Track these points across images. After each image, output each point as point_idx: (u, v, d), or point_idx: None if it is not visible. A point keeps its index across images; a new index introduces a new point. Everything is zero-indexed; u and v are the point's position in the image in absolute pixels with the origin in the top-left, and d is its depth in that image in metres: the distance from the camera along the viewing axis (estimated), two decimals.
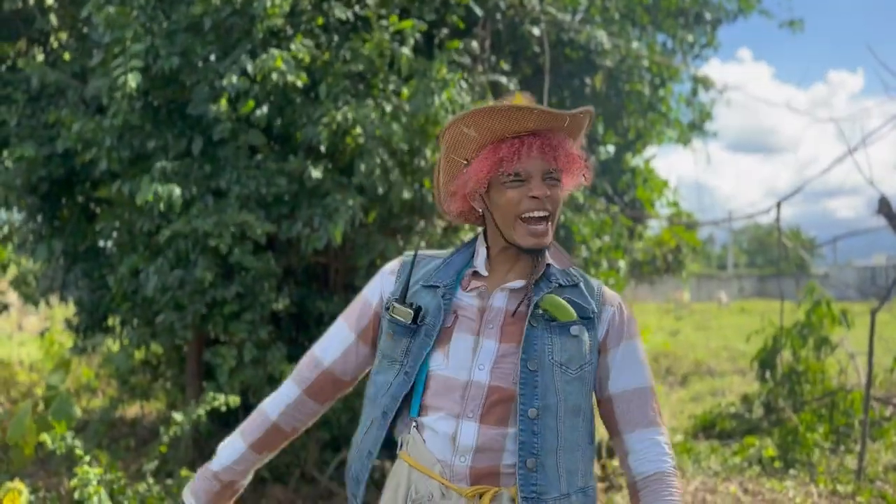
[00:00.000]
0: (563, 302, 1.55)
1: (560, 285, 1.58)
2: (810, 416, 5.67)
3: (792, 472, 5.16)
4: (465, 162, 1.57)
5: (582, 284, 1.61)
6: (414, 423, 1.55)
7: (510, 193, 1.52)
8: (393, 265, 1.70)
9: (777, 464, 5.36)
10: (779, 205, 5.46)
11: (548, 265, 1.61)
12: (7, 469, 4.49)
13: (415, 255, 1.67)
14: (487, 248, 1.62)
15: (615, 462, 5.61)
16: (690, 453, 5.66)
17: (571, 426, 1.53)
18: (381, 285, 1.69)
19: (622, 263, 5.56)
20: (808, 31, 7.36)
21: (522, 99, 1.53)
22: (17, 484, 3.22)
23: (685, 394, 9.17)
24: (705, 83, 6.76)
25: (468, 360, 1.53)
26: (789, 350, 6.29)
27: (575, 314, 1.55)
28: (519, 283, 1.58)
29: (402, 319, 1.57)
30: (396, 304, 1.59)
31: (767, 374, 6.40)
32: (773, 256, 42.50)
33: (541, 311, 1.54)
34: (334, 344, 1.72)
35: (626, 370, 1.59)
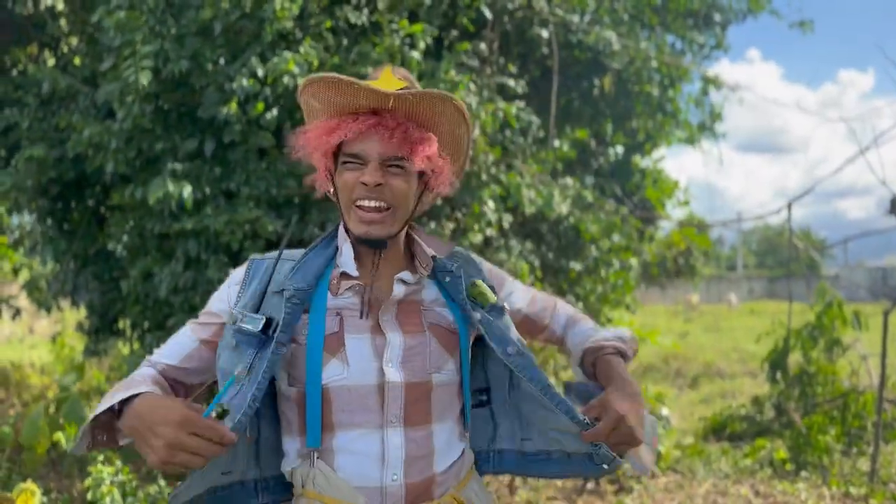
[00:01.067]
0: (483, 285, 1.48)
1: (455, 270, 1.48)
2: (822, 419, 5.63)
3: (804, 474, 5.13)
4: None
5: (467, 264, 1.53)
6: (315, 454, 1.34)
7: (346, 175, 1.38)
8: (238, 274, 1.48)
9: (788, 466, 5.33)
10: (789, 205, 5.44)
11: (433, 258, 1.48)
12: (20, 470, 4.52)
13: (252, 261, 1.48)
14: (351, 241, 1.45)
15: (626, 465, 5.59)
16: (701, 455, 5.64)
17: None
18: (226, 297, 1.46)
19: (633, 262, 5.55)
20: (818, 30, 7.33)
21: (391, 74, 1.38)
22: (30, 485, 3.24)
23: (695, 396, 9.14)
24: (715, 83, 6.74)
25: (372, 360, 1.35)
26: (800, 352, 6.25)
27: (493, 296, 1.49)
28: (408, 276, 1.42)
29: (250, 328, 1.34)
30: (247, 314, 1.36)
31: (778, 376, 6.37)
32: (782, 258, 42.30)
33: (472, 299, 1.45)
34: (175, 347, 1.48)
35: (520, 295, 1.64)
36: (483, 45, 4.90)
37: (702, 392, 9.30)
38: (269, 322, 1.34)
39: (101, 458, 3.58)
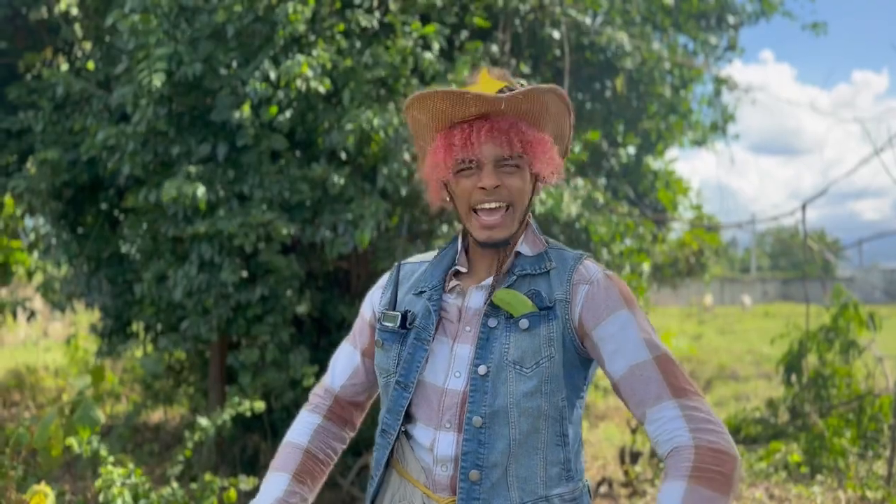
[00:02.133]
0: (517, 294, 1.41)
1: (526, 275, 1.44)
2: (837, 421, 5.58)
3: (819, 477, 5.08)
4: (426, 146, 1.50)
5: (554, 271, 1.45)
6: (403, 430, 1.47)
7: (463, 183, 1.42)
8: (383, 279, 1.63)
9: (803, 469, 5.28)
10: (804, 207, 5.39)
11: (517, 254, 1.47)
12: (35, 472, 4.54)
13: (399, 266, 1.60)
14: (466, 243, 1.53)
15: (638, 468, 5.56)
16: None
17: (529, 429, 1.38)
18: (371, 300, 1.61)
19: (646, 267, 5.52)
20: (831, 31, 7.26)
21: (488, 76, 1.43)
22: (44, 487, 3.26)
23: (709, 399, 9.06)
24: (728, 84, 6.70)
25: (445, 366, 1.44)
26: (815, 354, 6.20)
27: (530, 305, 1.40)
28: (490, 280, 1.46)
29: (389, 325, 1.49)
30: (385, 312, 1.52)
31: (793, 379, 6.32)
32: (796, 259, 42.01)
33: (496, 308, 1.42)
34: (340, 367, 1.64)
35: (619, 349, 1.37)
36: (495, 47, 4.89)
37: (716, 395, 9.24)
38: (405, 317, 1.48)
39: (112, 459, 3.59)
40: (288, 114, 4.03)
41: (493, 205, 1.40)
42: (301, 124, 4.23)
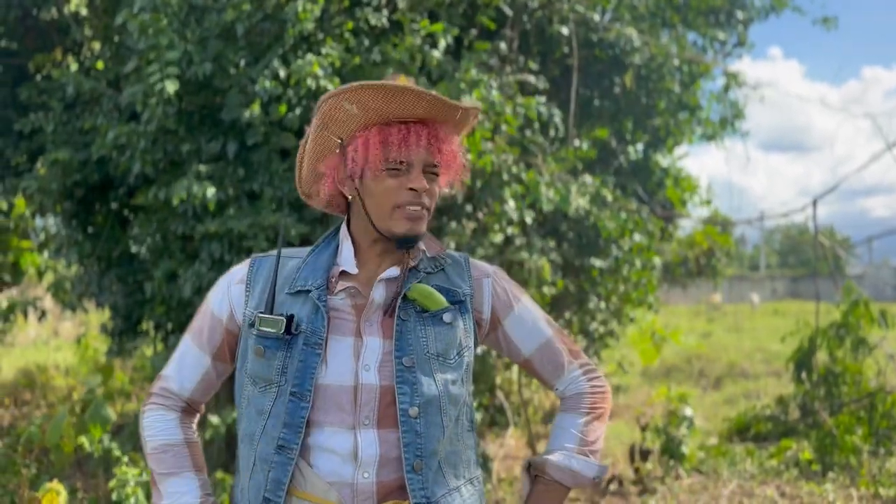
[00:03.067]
0: (431, 290, 1.44)
1: (428, 273, 1.48)
2: (848, 419, 5.55)
3: (831, 475, 5.06)
4: (340, 141, 1.43)
5: (450, 268, 1.51)
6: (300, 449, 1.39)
7: (389, 182, 1.39)
8: (240, 272, 1.51)
9: (815, 467, 5.26)
10: (814, 203, 5.37)
11: (421, 252, 1.49)
12: (47, 470, 4.56)
13: (257, 261, 1.51)
14: (353, 241, 1.48)
15: (649, 465, 5.55)
16: (725, 456, 5.58)
17: (454, 417, 1.44)
18: (228, 297, 1.49)
19: (657, 261, 5.50)
20: (841, 27, 7.23)
21: (407, 82, 1.39)
22: (56, 485, 3.28)
23: (718, 396, 9.05)
24: (737, 79, 6.67)
25: (350, 363, 1.39)
26: (825, 351, 6.17)
27: (444, 301, 1.45)
28: (394, 272, 1.45)
29: (272, 331, 1.39)
30: (263, 316, 1.40)
31: (803, 376, 6.29)
32: (805, 257, 41.82)
33: (410, 303, 1.43)
34: (188, 371, 1.53)
35: (527, 332, 1.54)
36: (503, 44, 4.88)
37: (725, 392, 9.21)
38: (289, 322, 1.39)
39: (125, 459, 3.60)
40: (297, 111, 4.03)
41: (416, 207, 1.40)
42: (310, 122, 4.23)
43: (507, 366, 6.69)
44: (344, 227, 1.51)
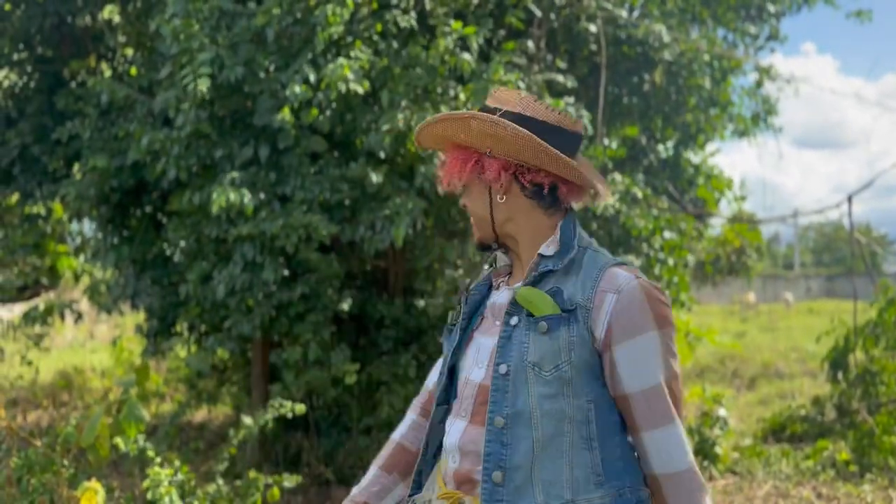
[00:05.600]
0: (539, 294, 1.40)
1: (548, 271, 1.43)
2: (887, 419, 5.44)
3: (869, 476, 4.96)
4: None
5: (582, 270, 1.43)
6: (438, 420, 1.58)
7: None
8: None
9: (852, 468, 5.16)
10: (850, 199, 5.27)
11: (540, 256, 1.45)
12: (84, 470, 4.65)
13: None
14: None
15: None
16: (760, 457, 5.51)
17: (554, 432, 1.36)
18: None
19: (690, 258, 5.44)
20: (876, 19, 7.07)
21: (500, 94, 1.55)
22: (94, 484, 3.34)
23: (753, 397, 8.93)
24: (770, 74, 6.56)
25: (473, 357, 1.50)
26: (862, 350, 6.06)
27: (552, 306, 1.38)
28: (514, 284, 1.51)
29: (449, 326, 1.61)
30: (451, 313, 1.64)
31: (839, 376, 6.18)
32: (840, 255, 41.07)
33: (518, 306, 1.42)
34: (436, 368, 1.70)
35: (633, 370, 1.37)
36: (530, 43, 4.87)
37: (760, 393, 9.08)
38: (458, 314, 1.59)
39: (158, 459, 3.65)
40: (327, 115, 4.06)
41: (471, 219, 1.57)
42: (340, 125, 4.26)
43: None
44: None
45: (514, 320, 1.41)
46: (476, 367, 1.47)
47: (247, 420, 3.99)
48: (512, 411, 1.37)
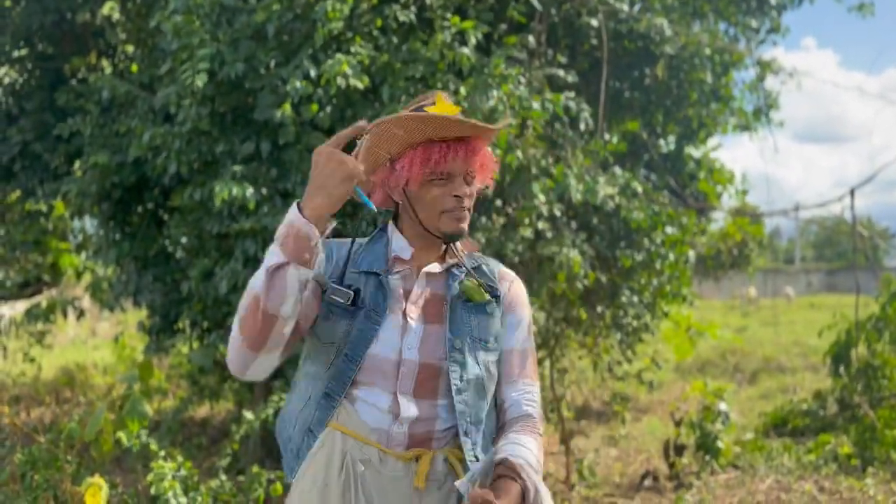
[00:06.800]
0: (479, 284, 1.74)
1: (474, 267, 1.77)
2: (889, 413, 5.44)
3: (871, 470, 4.97)
4: (388, 156, 1.69)
5: (484, 267, 1.80)
6: (345, 396, 1.67)
7: (435, 191, 1.68)
8: (340, 245, 1.76)
9: (854, 462, 5.17)
10: (852, 192, 5.27)
11: (459, 252, 1.78)
12: (87, 465, 4.66)
13: (331, 242, 1.73)
14: (403, 235, 1.75)
15: (685, 460, 5.50)
16: (762, 451, 5.51)
17: (489, 393, 1.72)
18: (337, 250, 1.74)
19: (691, 254, 5.44)
20: (878, 12, 7.04)
21: (444, 101, 1.67)
22: (98, 479, 3.34)
23: (754, 391, 8.94)
24: (771, 67, 6.54)
25: (397, 340, 1.66)
26: (864, 344, 6.06)
27: (486, 295, 1.74)
28: (436, 268, 1.74)
29: (341, 301, 1.66)
30: (336, 287, 1.67)
31: (841, 370, 6.19)
32: (842, 249, 41.04)
33: (459, 294, 1.72)
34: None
35: (511, 333, 1.77)
36: (531, 38, 4.86)
37: (761, 387, 9.10)
38: (356, 295, 1.67)
39: (162, 453, 3.66)
40: (328, 110, 4.06)
41: (461, 212, 1.69)
42: (340, 121, 4.26)
43: (539, 361, 6.67)
44: (391, 225, 1.78)
45: (457, 305, 1.71)
46: (406, 349, 1.66)
47: (249, 415, 4.00)
48: (472, 377, 1.68)
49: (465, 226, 1.70)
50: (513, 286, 1.82)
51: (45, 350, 8.54)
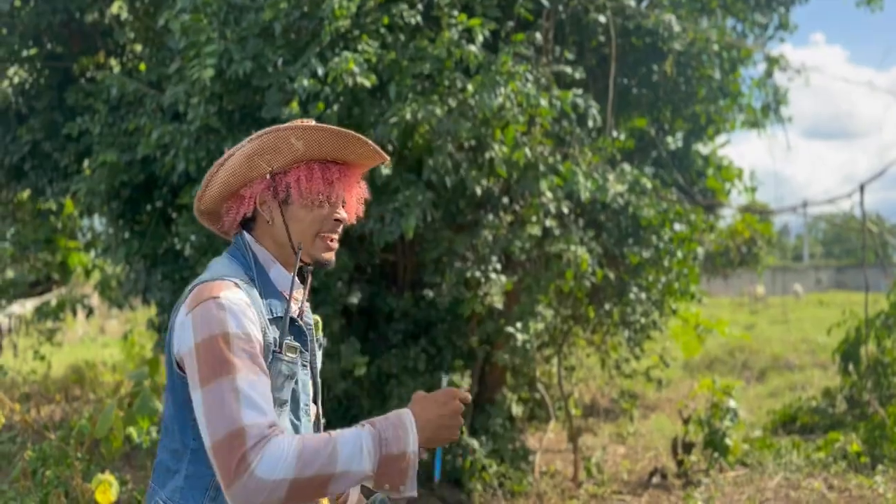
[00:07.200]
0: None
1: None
2: None
3: (880, 467, 4.95)
4: (269, 169, 1.53)
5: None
6: None
7: (317, 212, 1.55)
8: (242, 297, 1.45)
9: (863, 459, 5.15)
10: (861, 188, 5.24)
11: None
12: (98, 462, 4.69)
13: (237, 282, 1.49)
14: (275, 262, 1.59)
15: (693, 458, 5.49)
16: (770, 449, 5.50)
17: None
18: (253, 321, 1.45)
19: (699, 251, 5.42)
20: (887, 8, 6.99)
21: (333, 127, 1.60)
22: (108, 476, 3.37)
23: (763, 389, 8.92)
24: (779, 63, 6.51)
25: (308, 385, 1.60)
26: (874, 342, 6.04)
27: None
28: (310, 313, 1.66)
29: (293, 356, 1.51)
30: (290, 343, 1.51)
31: (850, 367, 6.17)
32: (850, 246, 40.84)
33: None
34: (268, 401, 1.40)
35: None
36: (538, 35, 4.86)
37: (770, 385, 9.07)
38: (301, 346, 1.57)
39: None
40: (335, 108, 4.06)
41: (336, 235, 1.59)
42: (348, 118, 4.26)
43: (547, 359, 6.67)
44: (259, 248, 1.57)
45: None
46: (304, 394, 1.58)
47: None
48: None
49: (333, 256, 1.60)
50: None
51: (54, 348, 8.58)
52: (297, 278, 1.55)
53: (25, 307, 8.60)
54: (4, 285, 7.54)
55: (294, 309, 1.56)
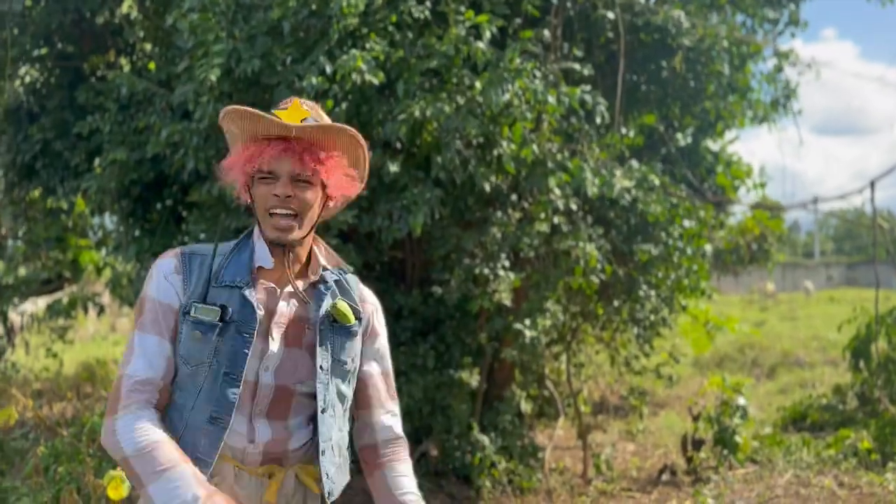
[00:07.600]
0: (345, 305, 1.71)
1: (337, 284, 1.74)
2: None
3: (891, 465, 4.93)
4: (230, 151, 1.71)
5: (346, 285, 1.76)
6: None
7: (260, 188, 1.63)
8: (172, 264, 1.66)
9: (874, 456, 5.12)
10: (872, 185, 5.21)
11: (323, 267, 1.74)
12: (109, 459, 4.72)
13: (189, 255, 1.68)
14: (265, 241, 1.69)
15: (703, 455, 5.48)
16: (781, 446, 5.48)
17: (343, 412, 1.74)
18: (171, 286, 1.64)
19: (708, 248, 5.41)
20: None
21: (300, 105, 1.66)
22: (120, 472, 3.39)
23: (773, 386, 8.89)
24: (789, 58, 6.47)
25: (256, 363, 1.63)
26: (885, 338, 6.01)
27: (352, 316, 1.71)
28: (300, 285, 1.70)
29: (206, 318, 1.60)
30: (198, 305, 1.60)
31: (861, 364, 6.14)
32: (862, 243, 40.61)
33: (327, 314, 1.69)
34: (155, 359, 1.61)
35: (377, 358, 1.80)
36: (546, 31, 4.85)
37: (780, 382, 9.04)
38: (223, 311, 1.61)
39: None
40: (343, 106, 4.07)
41: (283, 211, 1.61)
42: (356, 116, 4.28)
43: (556, 356, 6.67)
44: (257, 229, 1.70)
45: (325, 327, 1.68)
46: (262, 370, 1.64)
47: None
48: (331, 398, 1.69)
49: (288, 236, 1.62)
50: (377, 313, 1.82)
51: (66, 345, 8.64)
52: (269, 254, 1.67)
53: (37, 305, 8.66)
54: (17, 283, 7.59)
55: (244, 280, 1.64)
